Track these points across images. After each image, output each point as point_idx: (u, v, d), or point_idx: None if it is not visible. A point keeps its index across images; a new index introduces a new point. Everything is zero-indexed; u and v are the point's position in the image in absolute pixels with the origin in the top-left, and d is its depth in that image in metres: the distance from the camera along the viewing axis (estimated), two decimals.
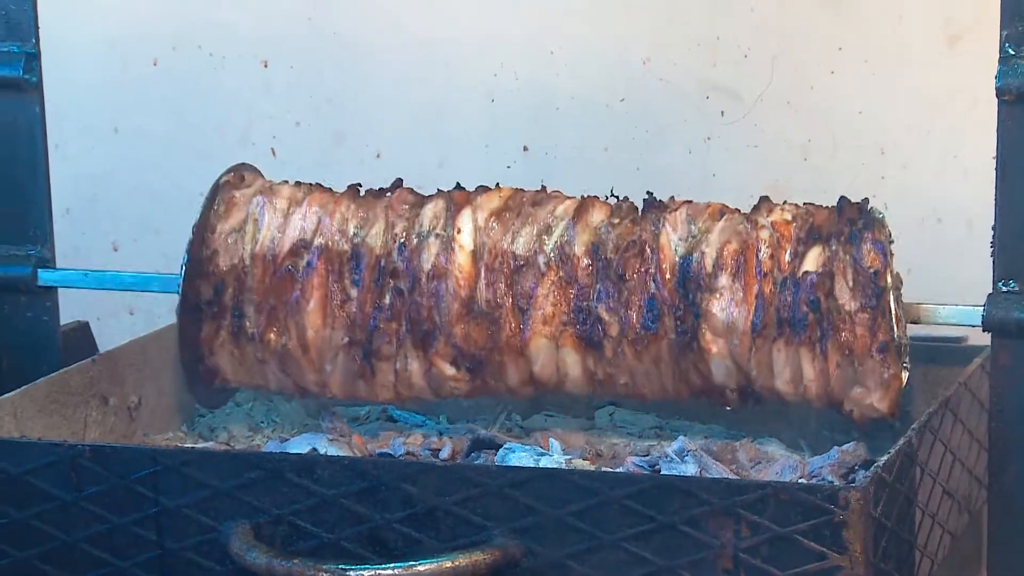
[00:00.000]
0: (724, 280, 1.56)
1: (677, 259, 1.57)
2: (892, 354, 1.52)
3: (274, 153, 1.97)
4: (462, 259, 1.62)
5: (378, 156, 1.98)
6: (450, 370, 1.64)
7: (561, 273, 1.60)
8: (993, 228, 1.49)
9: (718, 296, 1.55)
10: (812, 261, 1.54)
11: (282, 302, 1.65)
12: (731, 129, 1.91)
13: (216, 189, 1.70)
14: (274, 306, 1.66)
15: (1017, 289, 1.48)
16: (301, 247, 1.65)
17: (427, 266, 1.63)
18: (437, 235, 1.63)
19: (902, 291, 1.54)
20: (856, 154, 1.87)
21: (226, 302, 1.67)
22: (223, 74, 2.03)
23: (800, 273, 1.53)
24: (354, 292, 1.64)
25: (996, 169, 1.48)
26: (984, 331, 1.51)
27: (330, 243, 1.65)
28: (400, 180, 1.69)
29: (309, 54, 2.01)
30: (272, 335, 1.66)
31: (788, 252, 1.55)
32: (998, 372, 1.51)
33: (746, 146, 1.91)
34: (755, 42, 1.90)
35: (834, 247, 1.54)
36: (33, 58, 1.74)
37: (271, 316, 1.66)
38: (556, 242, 1.61)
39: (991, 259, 1.49)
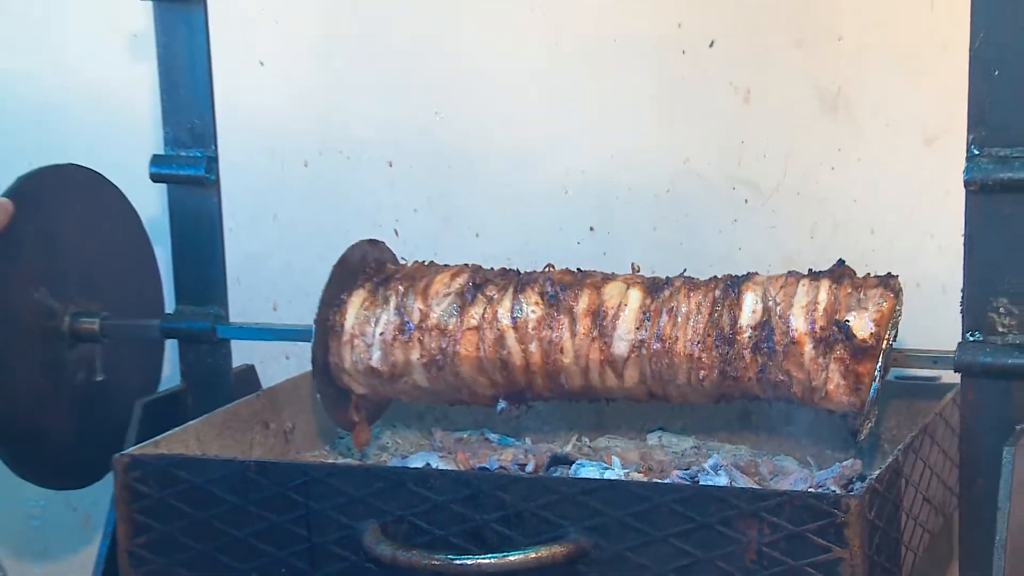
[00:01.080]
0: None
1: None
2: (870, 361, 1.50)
3: (397, 234, 1.97)
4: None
5: (477, 236, 1.98)
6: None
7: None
8: (962, 291, 1.46)
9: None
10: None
11: (397, 348, 1.63)
12: (753, 214, 1.89)
13: (340, 262, 1.69)
14: (392, 347, 1.64)
15: (981, 339, 1.45)
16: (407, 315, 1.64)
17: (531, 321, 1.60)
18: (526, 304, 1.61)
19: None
20: (851, 233, 1.85)
21: (348, 341, 1.66)
22: (358, 173, 2.03)
23: (841, 315, 1.51)
24: (446, 343, 1.62)
25: (964, 245, 1.45)
26: (955, 372, 1.48)
27: (430, 315, 1.63)
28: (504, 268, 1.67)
29: (424, 157, 2.00)
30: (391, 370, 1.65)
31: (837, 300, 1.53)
32: (966, 404, 1.48)
33: (765, 227, 1.88)
34: (771, 145, 1.88)
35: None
36: (212, 161, 1.75)
37: (389, 352, 1.64)
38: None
39: (960, 316, 1.46)
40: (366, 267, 1.69)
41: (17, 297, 1.69)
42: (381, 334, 1.63)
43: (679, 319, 1.55)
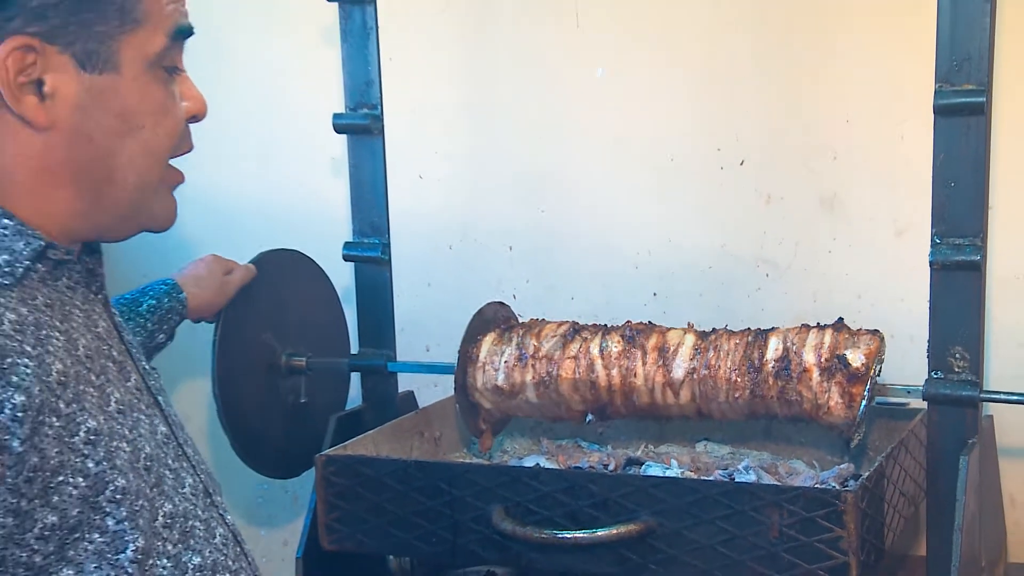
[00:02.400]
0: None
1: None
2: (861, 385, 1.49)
3: (514, 298, 1.96)
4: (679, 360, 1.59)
5: (572, 299, 1.96)
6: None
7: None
8: (928, 342, 1.45)
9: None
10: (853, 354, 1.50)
11: (516, 371, 1.63)
12: (772, 284, 1.87)
13: (477, 315, 1.69)
14: (512, 371, 1.63)
15: (942, 376, 1.44)
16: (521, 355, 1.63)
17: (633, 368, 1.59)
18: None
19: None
20: (843, 298, 1.82)
21: (480, 367, 1.66)
22: (487, 254, 2.02)
23: (840, 351, 1.50)
24: (553, 369, 1.62)
25: (929, 308, 1.44)
26: (923, 400, 1.46)
27: (541, 349, 1.62)
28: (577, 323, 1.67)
29: (534, 243, 2.00)
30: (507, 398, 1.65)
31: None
32: (931, 424, 1.47)
33: (781, 294, 1.86)
34: (785, 234, 1.86)
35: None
36: (386, 246, 1.76)
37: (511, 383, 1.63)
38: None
39: (927, 359, 1.45)
40: (495, 320, 1.70)
41: (251, 339, 1.71)
42: (505, 361, 1.63)
43: (722, 354, 1.54)
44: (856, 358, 1.48)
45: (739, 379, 1.52)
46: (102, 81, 1.06)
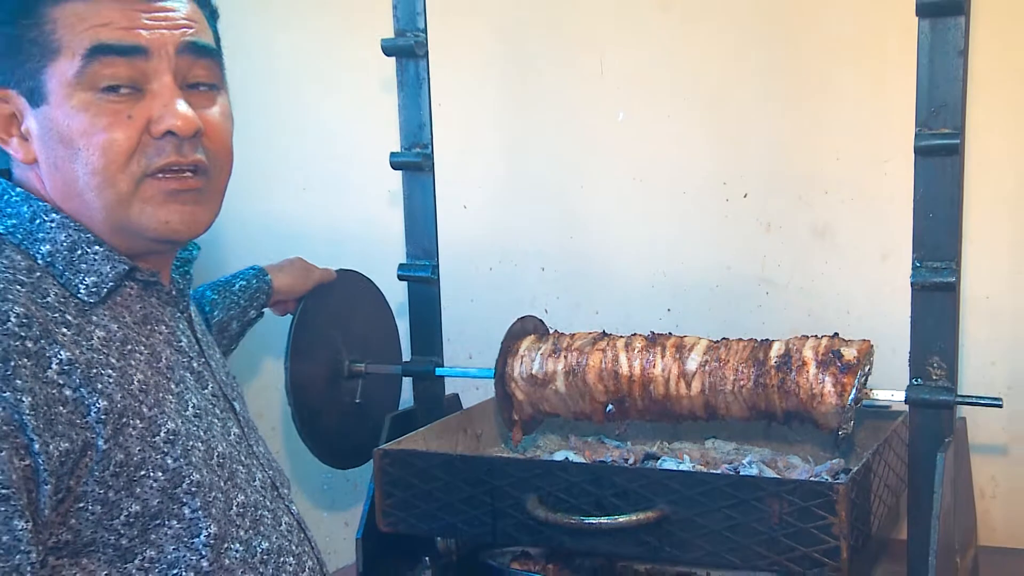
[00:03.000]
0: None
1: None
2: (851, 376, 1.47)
3: (546, 312, 1.96)
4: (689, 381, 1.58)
5: (596, 313, 1.96)
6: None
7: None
8: (909, 353, 1.43)
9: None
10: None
11: (550, 361, 1.62)
12: (772, 301, 1.86)
13: (518, 321, 1.68)
14: (546, 360, 1.62)
15: (922, 383, 1.42)
16: (552, 364, 1.62)
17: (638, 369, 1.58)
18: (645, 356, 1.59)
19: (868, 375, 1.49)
20: (834, 314, 1.81)
21: (519, 358, 1.64)
22: (523, 274, 2.02)
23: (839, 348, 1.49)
24: (578, 379, 1.61)
25: (910, 324, 1.42)
26: (905, 403, 1.44)
27: (573, 345, 1.61)
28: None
29: (563, 264, 1.99)
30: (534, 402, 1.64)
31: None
32: (912, 425, 1.45)
33: (780, 310, 1.85)
34: (783, 258, 1.85)
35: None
36: (435, 267, 1.75)
37: (540, 387, 1.62)
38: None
39: (908, 367, 1.43)
40: (532, 329, 1.69)
41: (323, 346, 1.71)
42: (541, 352, 1.61)
43: (731, 352, 1.53)
44: (849, 352, 1.46)
45: (745, 370, 1.50)
46: (43, 113, 1.02)
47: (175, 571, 1.02)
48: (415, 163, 1.72)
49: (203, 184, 1.07)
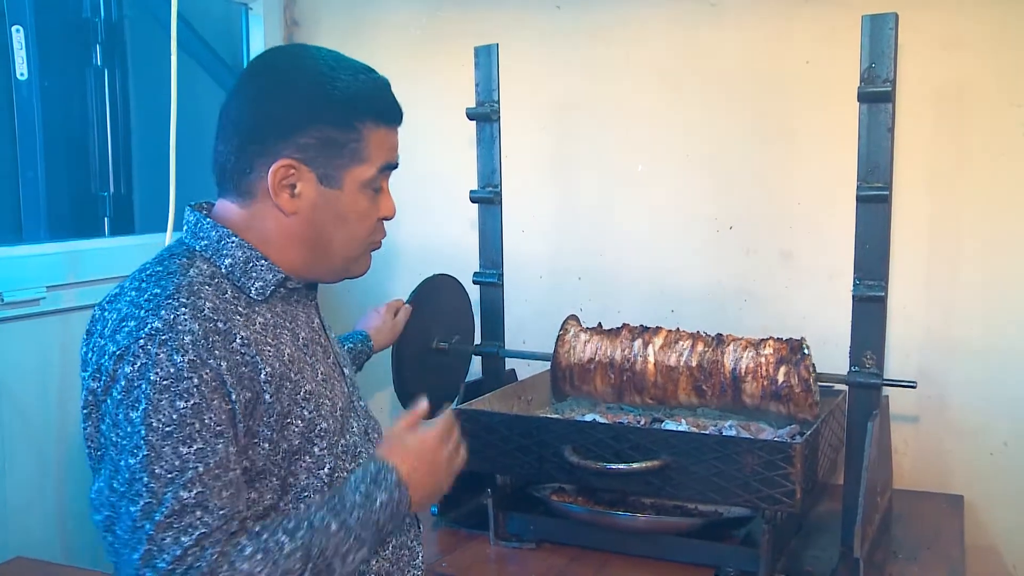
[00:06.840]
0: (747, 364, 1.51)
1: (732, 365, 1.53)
2: (813, 397, 1.48)
3: (581, 310, 1.95)
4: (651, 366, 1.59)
5: (619, 312, 1.95)
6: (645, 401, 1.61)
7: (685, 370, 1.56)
8: (849, 348, 1.44)
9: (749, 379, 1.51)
10: (782, 371, 1.50)
11: (589, 348, 1.61)
12: (751, 308, 1.86)
13: (569, 318, 1.67)
14: (585, 348, 1.62)
15: (858, 370, 1.43)
16: (592, 354, 1.62)
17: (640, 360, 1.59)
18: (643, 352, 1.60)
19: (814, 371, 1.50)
20: (795, 320, 1.81)
21: (567, 342, 1.64)
22: (564, 282, 2.00)
23: (778, 376, 1.49)
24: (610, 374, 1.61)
25: (851, 327, 1.43)
26: (845, 385, 1.45)
27: (601, 350, 1.62)
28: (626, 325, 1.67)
29: (595, 275, 1.98)
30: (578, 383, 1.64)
31: (774, 363, 1.50)
32: (850, 401, 1.46)
33: (755, 313, 1.85)
34: (758, 277, 1.85)
35: (793, 361, 1.50)
36: (501, 275, 1.77)
37: (584, 374, 1.63)
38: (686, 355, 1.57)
39: (848, 359, 1.44)
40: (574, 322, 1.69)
41: (420, 332, 1.72)
42: (583, 340, 1.62)
43: (722, 344, 1.55)
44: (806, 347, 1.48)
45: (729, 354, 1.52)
46: (331, 193, 1.09)
47: (305, 494, 1.07)
48: (488, 198, 1.75)
49: None
